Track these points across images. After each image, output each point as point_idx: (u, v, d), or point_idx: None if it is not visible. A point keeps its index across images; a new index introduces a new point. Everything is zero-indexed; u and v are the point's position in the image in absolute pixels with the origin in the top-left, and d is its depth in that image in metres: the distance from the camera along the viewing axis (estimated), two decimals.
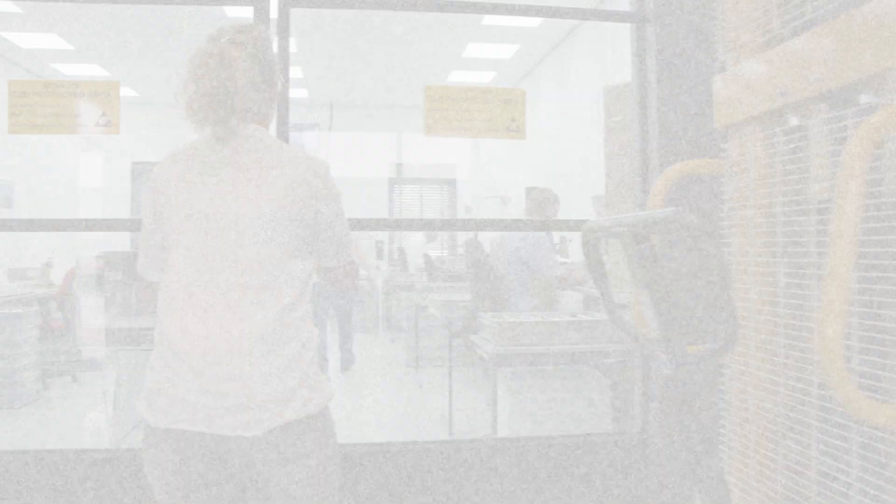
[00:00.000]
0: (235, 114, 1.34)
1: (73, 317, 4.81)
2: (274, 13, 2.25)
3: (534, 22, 6.43)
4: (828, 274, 1.10)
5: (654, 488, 2.25)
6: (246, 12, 2.24)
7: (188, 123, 1.35)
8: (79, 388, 5.45)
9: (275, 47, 1.49)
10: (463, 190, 9.74)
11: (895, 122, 1.14)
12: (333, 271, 1.51)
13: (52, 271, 6.51)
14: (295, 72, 7.85)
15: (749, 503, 1.48)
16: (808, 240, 1.37)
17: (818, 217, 1.37)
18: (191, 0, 3.72)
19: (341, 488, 1.41)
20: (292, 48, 5.99)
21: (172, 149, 1.45)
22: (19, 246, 7.10)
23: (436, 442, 2.33)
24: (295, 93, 9.18)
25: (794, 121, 1.41)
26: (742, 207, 1.59)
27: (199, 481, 1.32)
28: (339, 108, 8.54)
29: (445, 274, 7.56)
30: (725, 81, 1.70)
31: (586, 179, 6.22)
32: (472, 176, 9.84)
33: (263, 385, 1.27)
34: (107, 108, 2.26)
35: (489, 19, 6.30)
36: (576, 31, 6.59)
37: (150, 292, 1.52)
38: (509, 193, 7.57)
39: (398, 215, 9.71)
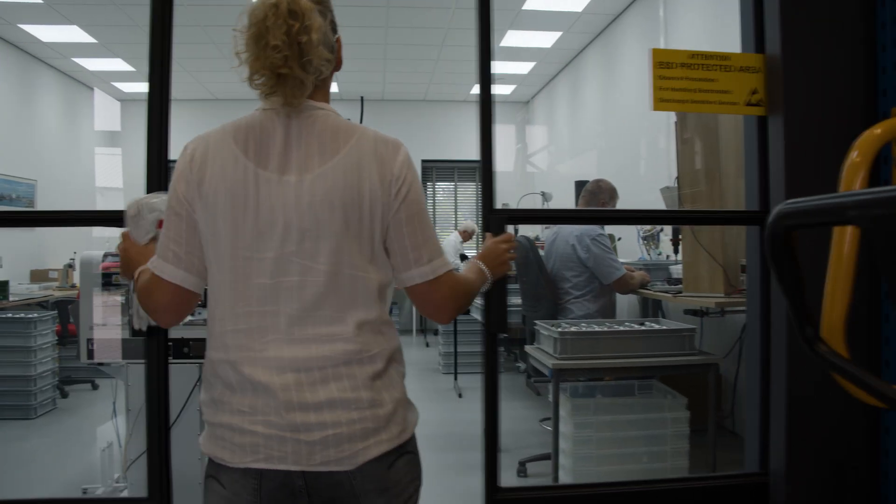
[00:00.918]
0: (310, 74, 1.13)
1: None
2: None
3: (576, 7, 6.02)
4: None
5: None
6: None
7: (254, 90, 1.14)
8: (97, 396, 5.20)
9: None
10: (501, 185, 9.34)
11: None
12: (420, 290, 1.22)
13: (74, 273, 6.30)
14: None
15: None
16: None
17: None
18: None
19: None
20: None
21: (227, 125, 1.19)
22: (43, 247, 6.90)
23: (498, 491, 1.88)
24: None
25: None
26: None
27: None
28: (370, 102, 8.22)
29: None
30: None
31: (637, 171, 5.79)
32: (514, 170, 9.40)
33: (353, 413, 1.13)
34: None
35: (529, 6, 5.90)
36: (621, 16, 6.16)
37: (147, 289, 1.23)
38: (550, 189, 7.15)
39: (431, 211, 9.35)
